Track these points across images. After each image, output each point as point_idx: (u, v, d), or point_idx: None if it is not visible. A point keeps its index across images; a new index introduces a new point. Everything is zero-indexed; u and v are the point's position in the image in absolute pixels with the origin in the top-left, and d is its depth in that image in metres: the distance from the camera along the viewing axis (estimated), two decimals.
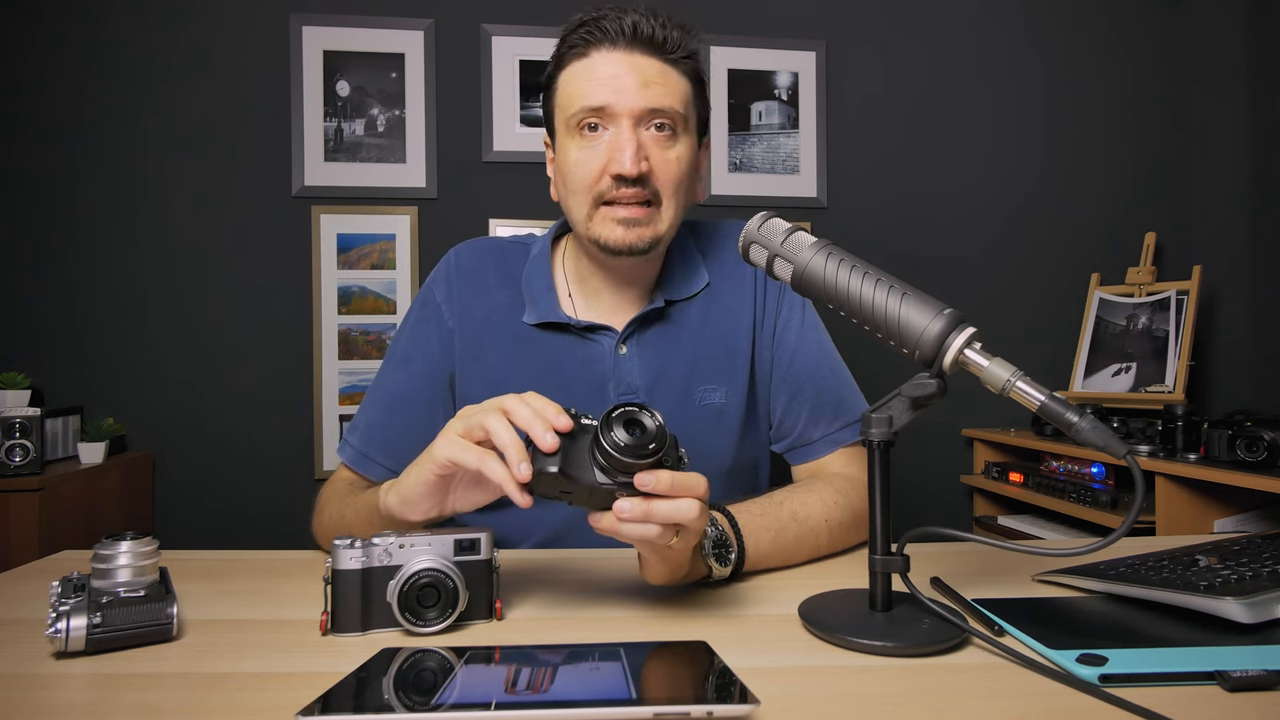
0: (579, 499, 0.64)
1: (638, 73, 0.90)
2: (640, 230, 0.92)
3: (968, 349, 0.63)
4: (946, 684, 0.55)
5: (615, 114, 0.90)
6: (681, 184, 0.94)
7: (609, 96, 0.89)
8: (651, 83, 0.90)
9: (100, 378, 2.22)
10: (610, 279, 1.01)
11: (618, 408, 0.63)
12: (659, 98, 0.90)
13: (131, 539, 0.65)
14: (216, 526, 2.23)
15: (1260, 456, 1.56)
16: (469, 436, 0.66)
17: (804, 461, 1.02)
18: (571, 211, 0.96)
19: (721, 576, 0.76)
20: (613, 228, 0.92)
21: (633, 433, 0.62)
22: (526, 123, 2.33)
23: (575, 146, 0.92)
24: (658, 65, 0.91)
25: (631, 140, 0.89)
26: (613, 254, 0.93)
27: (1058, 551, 0.62)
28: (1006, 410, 2.29)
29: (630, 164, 0.88)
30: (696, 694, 0.47)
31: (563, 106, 0.94)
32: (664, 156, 0.92)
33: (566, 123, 0.93)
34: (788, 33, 2.42)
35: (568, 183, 0.94)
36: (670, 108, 0.91)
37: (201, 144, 2.25)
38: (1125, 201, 2.49)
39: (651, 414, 0.63)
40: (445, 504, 0.72)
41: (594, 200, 0.92)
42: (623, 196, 0.91)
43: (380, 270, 2.29)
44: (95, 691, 0.54)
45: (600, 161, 0.91)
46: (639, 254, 0.94)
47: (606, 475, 0.63)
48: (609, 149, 0.90)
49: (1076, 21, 2.50)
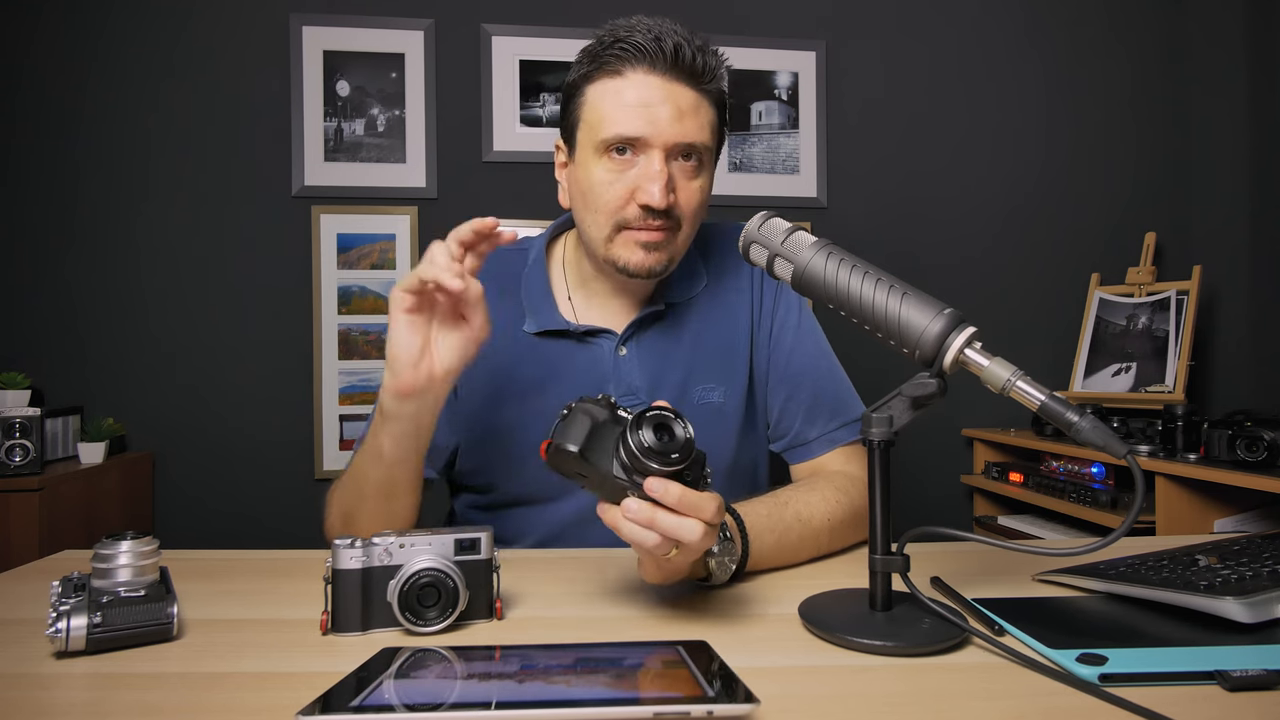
0: (592, 484, 0.65)
1: (673, 103, 0.88)
2: (659, 254, 0.92)
3: (968, 349, 0.63)
4: (946, 684, 0.55)
5: (649, 145, 0.89)
6: (700, 211, 0.95)
7: (644, 128, 0.88)
8: (685, 115, 0.89)
9: (100, 378, 2.22)
10: (614, 284, 1.01)
11: (652, 409, 0.63)
12: (692, 132, 0.90)
13: (132, 539, 0.65)
14: (216, 526, 2.23)
15: (1260, 456, 1.56)
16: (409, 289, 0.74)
17: (801, 461, 1.02)
18: (589, 230, 0.95)
19: (722, 580, 0.75)
20: (634, 250, 0.92)
21: (660, 437, 0.62)
22: (526, 123, 2.33)
23: (602, 168, 0.91)
24: (692, 96, 0.90)
25: (663, 174, 0.88)
26: (629, 276, 0.94)
27: (1058, 551, 0.62)
28: (1006, 410, 2.29)
29: (660, 197, 0.88)
30: (697, 694, 0.47)
31: (590, 124, 0.92)
32: (689, 187, 0.92)
33: (596, 143, 0.91)
34: (788, 33, 2.42)
35: (589, 201, 0.93)
36: (702, 142, 0.91)
37: (201, 144, 2.25)
38: (1125, 201, 2.49)
39: (684, 423, 0.63)
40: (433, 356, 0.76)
41: (616, 224, 0.92)
42: (649, 226, 0.91)
43: (380, 270, 2.29)
44: (95, 691, 0.54)
45: (627, 188, 0.90)
46: (655, 277, 0.95)
47: (624, 471, 0.63)
48: (639, 178, 0.89)
49: (1076, 21, 2.50)
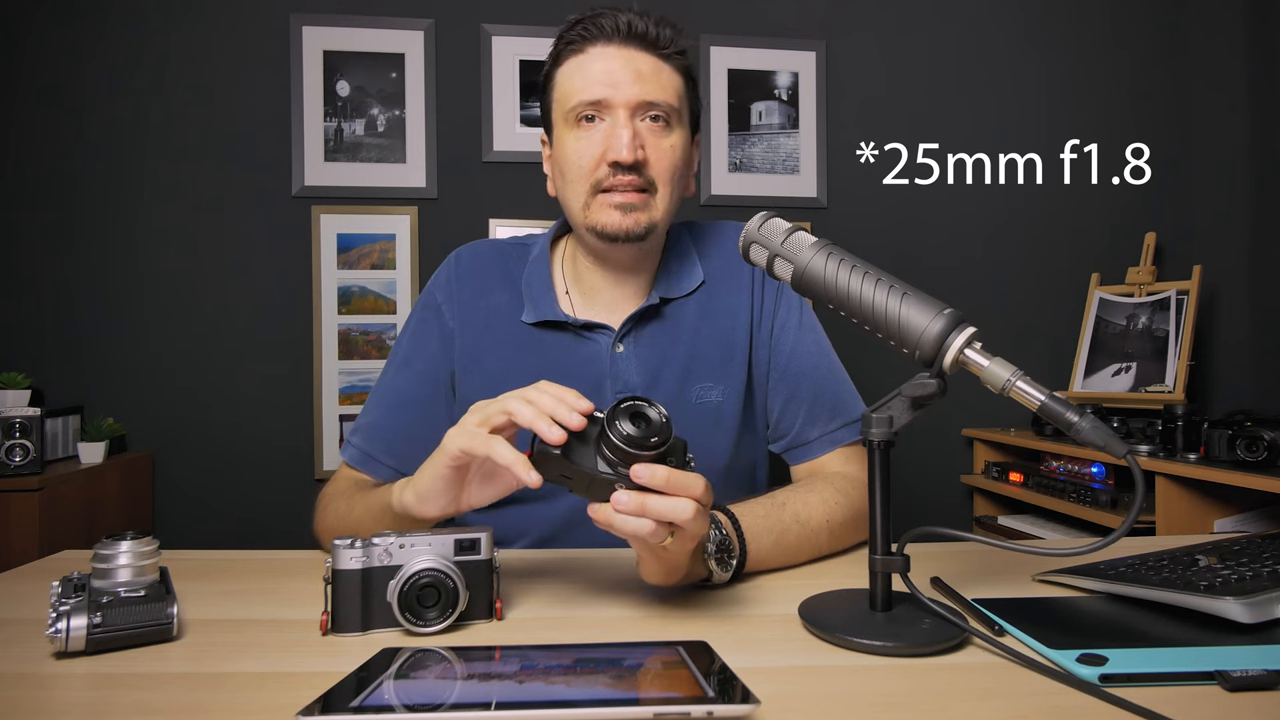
0: (579, 486, 0.65)
1: (632, 67, 0.93)
2: (637, 215, 0.94)
3: (968, 349, 0.63)
4: (946, 684, 0.55)
5: (612, 106, 0.93)
6: (676, 172, 0.97)
7: (605, 90, 0.93)
8: (645, 77, 0.94)
9: (100, 378, 2.21)
10: (607, 275, 1.01)
11: (624, 400, 0.64)
12: (653, 91, 0.94)
13: (131, 539, 0.65)
14: (216, 526, 2.23)
15: (1260, 456, 1.56)
16: (485, 425, 0.67)
17: (801, 461, 1.02)
18: (569, 202, 0.97)
19: (722, 580, 0.76)
20: (610, 213, 0.94)
21: (638, 425, 0.63)
22: (526, 123, 2.33)
23: (573, 137, 0.95)
24: (651, 60, 0.95)
25: (628, 128, 0.92)
26: (610, 240, 0.95)
27: (1058, 551, 0.62)
28: (1006, 410, 2.27)
29: (627, 151, 0.91)
30: (697, 694, 0.47)
31: (560, 100, 0.97)
32: (659, 145, 0.95)
33: (565, 116, 0.96)
34: (788, 33, 2.42)
35: (565, 173, 0.96)
36: (664, 100, 0.95)
37: (201, 144, 2.24)
38: (1125, 201, 2.49)
39: (657, 408, 0.64)
40: (461, 499, 0.73)
41: (591, 188, 0.95)
42: (620, 184, 0.93)
43: (380, 270, 2.29)
44: (95, 691, 0.54)
45: (597, 150, 0.93)
46: (635, 240, 0.95)
47: (609, 466, 0.63)
48: (605, 137, 0.93)
49: (1076, 21, 2.50)
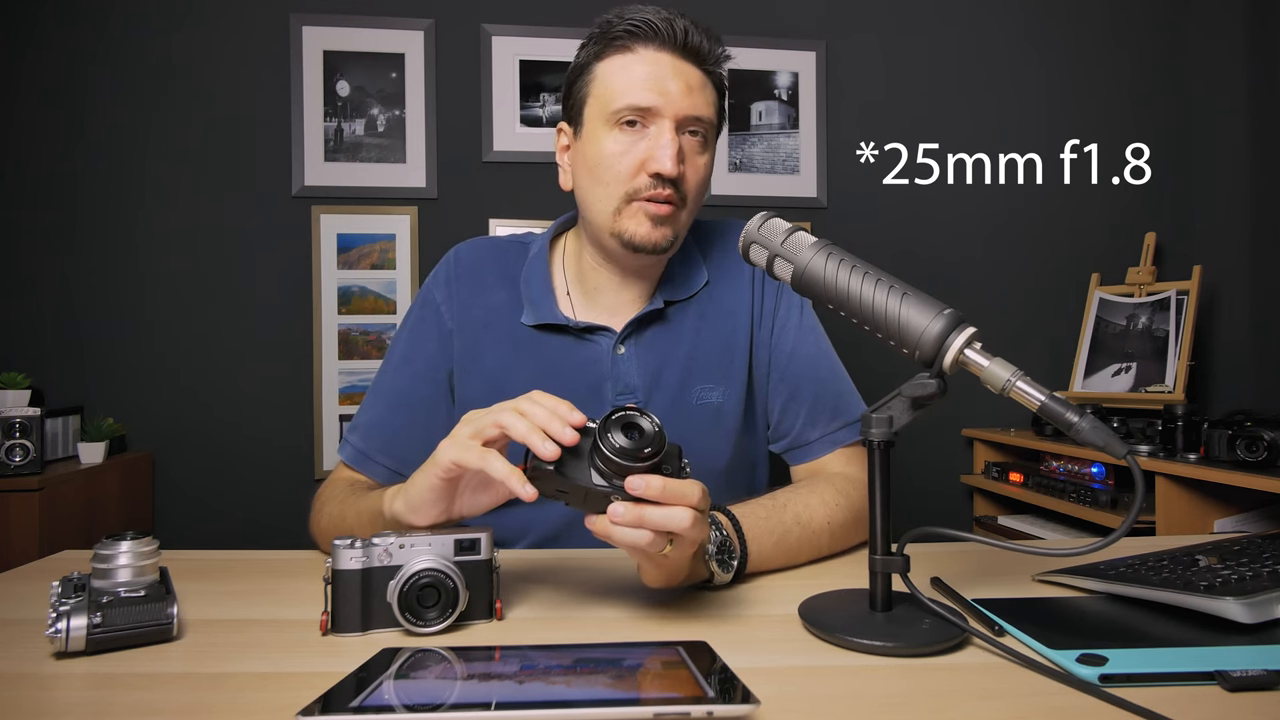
0: (575, 500, 0.64)
1: (683, 79, 0.92)
2: (665, 229, 0.94)
3: (968, 349, 0.63)
4: (946, 684, 0.55)
5: (660, 115, 0.91)
6: (703, 190, 0.97)
7: (656, 98, 0.91)
8: (694, 90, 0.93)
9: (100, 378, 2.21)
10: (612, 278, 1.01)
11: (616, 411, 0.63)
12: (699, 106, 0.93)
13: (131, 539, 0.65)
14: (216, 526, 2.23)
15: (1260, 456, 1.56)
16: (478, 438, 0.67)
17: (802, 462, 1.02)
18: (595, 203, 0.95)
19: (723, 581, 0.75)
20: (642, 222, 0.93)
21: (631, 436, 0.62)
22: (526, 123, 2.33)
23: (613, 140, 0.93)
24: (698, 74, 0.94)
25: (674, 142, 0.91)
26: (634, 250, 0.94)
27: (1058, 551, 0.62)
28: (1006, 410, 2.28)
29: (671, 165, 0.90)
30: (697, 694, 0.47)
31: (601, 97, 0.94)
32: (696, 162, 0.95)
33: (606, 115, 0.93)
34: (788, 33, 2.42)
35: (598, 174, 0.94)
36: (708, 117, 0.95)
37: (201, 144, 2.24)
38: (1125, 201, 2.49)
39: (650, 418, 0.63)
40: (452, 508, 0.72)
41: (626, 195, 0.93)
42: (658, 196, 0.92)
43: (380, 270, 2.29)
44: (95, 691, 0.54)
45: (639, 157, 0.92)
46: (660, 252, 0.95)
47: (603, 478, 0.63)
48: (650, 147, 0.91)
49: (1076, 21, 2.50)
